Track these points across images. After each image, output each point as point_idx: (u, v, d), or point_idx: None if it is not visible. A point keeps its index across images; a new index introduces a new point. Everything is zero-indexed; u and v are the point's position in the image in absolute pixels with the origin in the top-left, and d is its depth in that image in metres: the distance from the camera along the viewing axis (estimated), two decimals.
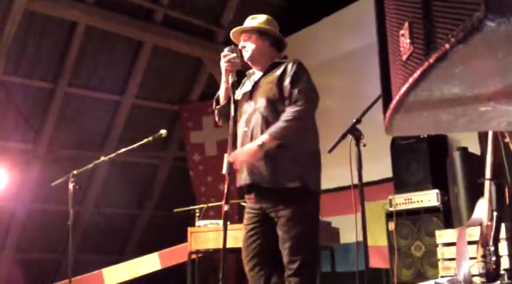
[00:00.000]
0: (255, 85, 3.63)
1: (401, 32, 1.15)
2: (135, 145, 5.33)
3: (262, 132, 3.41)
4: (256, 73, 3.74)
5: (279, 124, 3.33)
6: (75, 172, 5.31)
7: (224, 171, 3.35)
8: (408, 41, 1.11)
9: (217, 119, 3.79)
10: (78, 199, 8.87)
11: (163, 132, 5.17)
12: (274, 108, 3.46)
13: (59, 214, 8.48)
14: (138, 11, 8.56)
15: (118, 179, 9.50)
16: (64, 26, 8.15)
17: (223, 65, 3.58)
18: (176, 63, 9.21)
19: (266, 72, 3.64)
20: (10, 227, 8.99)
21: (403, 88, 1.12)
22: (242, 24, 3.78)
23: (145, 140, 5.25)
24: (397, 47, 1.19)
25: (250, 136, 3.47)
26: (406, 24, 1.12)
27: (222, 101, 3.70)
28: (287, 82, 3.47)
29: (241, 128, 3.55)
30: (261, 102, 3.50)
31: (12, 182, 8.41)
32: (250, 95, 3.61)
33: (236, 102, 3.50)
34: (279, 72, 3.54)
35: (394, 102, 1.22)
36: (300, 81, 3.48)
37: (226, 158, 3.36)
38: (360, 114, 3.34)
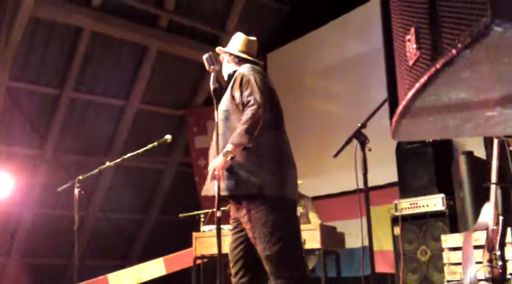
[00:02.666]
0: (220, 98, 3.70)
1: (408, 37, 1.15)
2: (140, 151, 5.33)
3: (217, 148, 3.44)
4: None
5: (238, 130, 3.35)
6: (80, 177, 5.33)
7: None
8: (414, 46, 1.11)
9: None
10: (84, 204, 8.89)
11: (168, 137, 5.17)
12: (227, 120, 3.51)
13: (64, 219, 8.50)
14: (143, 17, 8.59)
15: (123, 184, 9.52)
16: (69, 31, 8.18)
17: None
18: (181, 68, 9.23)
19: (226, 84, 3.72)
20: (16, 232, 9.02)
21: (410, 94, 1.13)
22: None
23: (150, 145, 5.26)
24: (403, 52, 1.20)
25: (217, 148, 3.48)
26: (412, 29, 1.12)
27: None
28: (236, 92, 3.51)
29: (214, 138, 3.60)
30: (219, 115, 3.54)
31: (18, 187, 8.43)
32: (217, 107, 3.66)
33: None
34: (231, 86, 3.60)
35: (400, 107, 1.22)
36: (248, 85, 3.47)
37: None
38: (365, 119, 3.33)
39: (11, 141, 8.47)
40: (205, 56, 3.61)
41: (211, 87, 3.56)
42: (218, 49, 3.91)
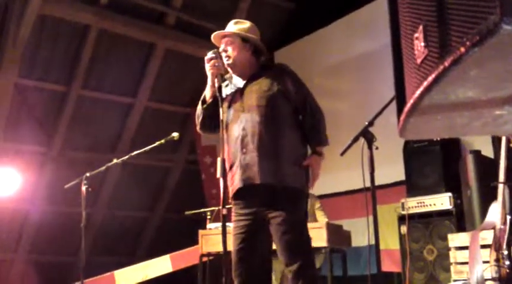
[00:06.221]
0: (243, 89, 3.58)
1: (416, 35, 1.15)
2: (147, 148, 5.34)
3: (260, 136, 3.40)
4: (234, 78, 3.69)
5: (316, 129, 3.55)
6: (87, 174, 5.34)
7: (218, 174, 3.31)
8: (423, 44, 1.10)
9: (199, 122, 3.68)
10: (91, 201, 8.91)
11: (175, 134, 5.18)
12: (273, 111, 3.45)
13: (71, 216, 8.51)
14: (150, 14, 8.60)
15: (130, 181, 9.54)
16: (77, 29, 8.20)
17: (208, 68, 3.56)
18: (188, 66, 9.24)
19: (254, 76, 3.60)
20: (23, 229, 9.05)
21: (418, 92, 1.12)
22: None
23: (157, 143, 5.27)
24: (411, 50, 1.19)
25: (247, 141, 3.42)
26: (421, 27, 1.12)
27: (208, 100, 3.63)
28: (291, 88, 3.53)
29: (233, 133, 3.48)
30: (256, 106, 3.46)
31: (26, 184, 8.46)
32: (237, 99, 3.55)
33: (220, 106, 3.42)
34: (272, 76, 3.55)
35: (408, 105, 1.21)
36: (302, 86, 3.59)
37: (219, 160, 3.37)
38: (373, 117, 3.32)
39: (19, 138, 8.50)
40: (210, 53, 3.57)
41: (216, 84, 3.52)
42: (242, 30, 3.67)
